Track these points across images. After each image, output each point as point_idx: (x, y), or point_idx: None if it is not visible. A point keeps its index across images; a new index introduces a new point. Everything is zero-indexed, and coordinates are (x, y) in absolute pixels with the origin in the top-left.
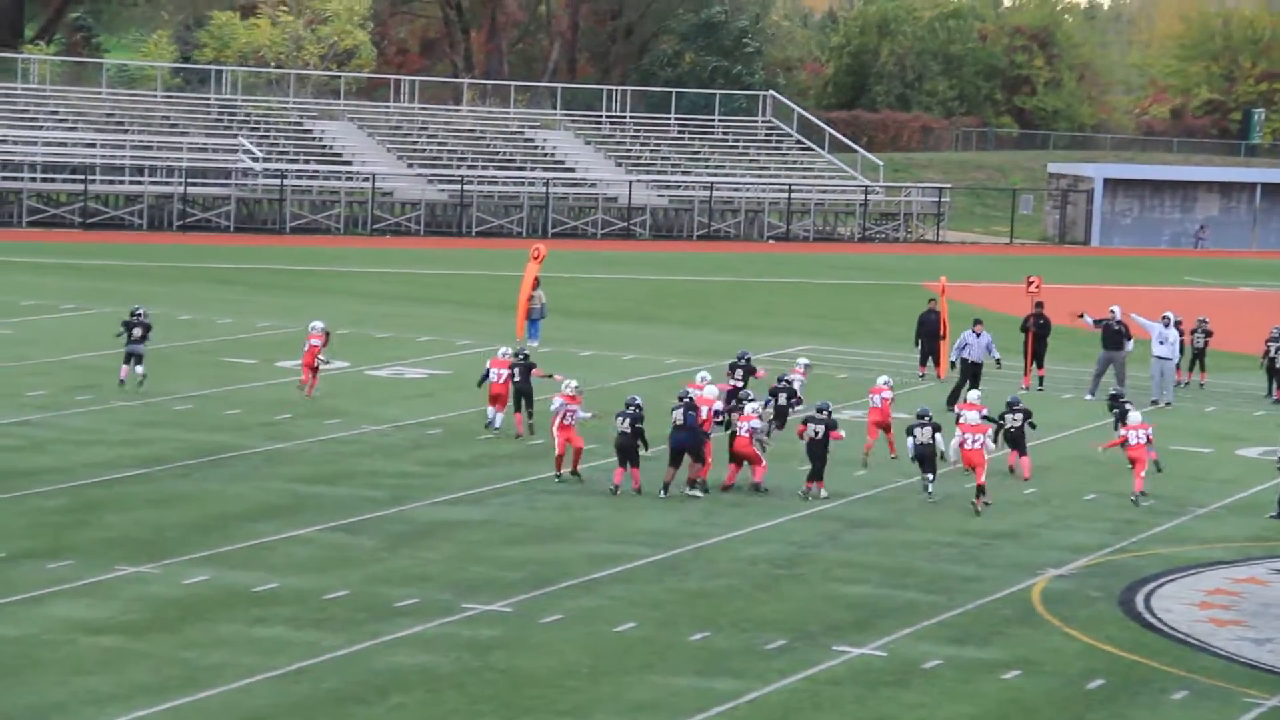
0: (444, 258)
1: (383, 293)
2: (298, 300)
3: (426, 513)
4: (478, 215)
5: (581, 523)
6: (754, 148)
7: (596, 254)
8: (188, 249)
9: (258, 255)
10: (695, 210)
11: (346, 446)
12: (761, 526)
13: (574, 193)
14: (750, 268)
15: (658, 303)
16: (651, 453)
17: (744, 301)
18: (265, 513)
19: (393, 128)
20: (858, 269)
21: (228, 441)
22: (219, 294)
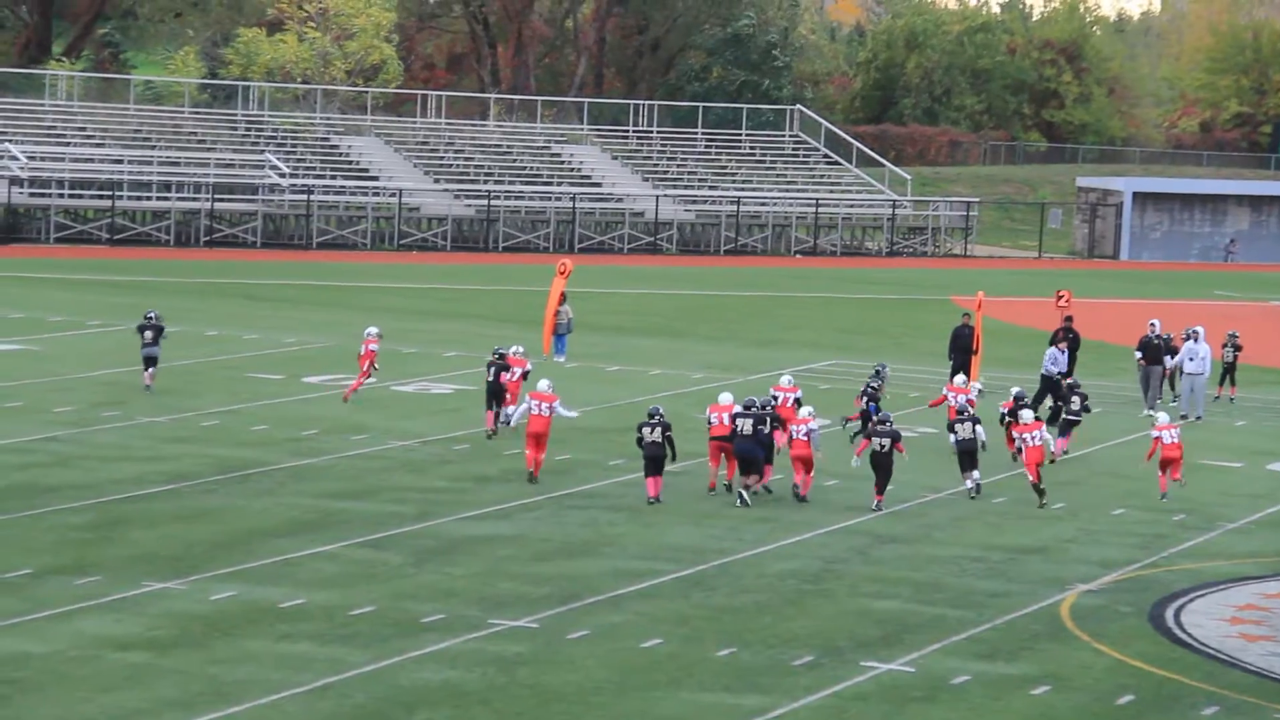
0: (470, 273)
1: (409, 308)
2: (324, 315)
3: (453, 528)
4: (504, 230)
5: (608, 538)
6: (781, 162)
7: (623, 269)
8: (214, 265)
9: (284, 271)
10: (722, 225)
11: (373, 462)
12: (789, 542)
13: (600, 208)
14: (777, 282)
15: (684, 318)
16: (679, 466)
17: (770, 317)
18: (291, 528)
19: (419, 143)
20: (885, 284)
21: (254, 457)
22: (245, 309)
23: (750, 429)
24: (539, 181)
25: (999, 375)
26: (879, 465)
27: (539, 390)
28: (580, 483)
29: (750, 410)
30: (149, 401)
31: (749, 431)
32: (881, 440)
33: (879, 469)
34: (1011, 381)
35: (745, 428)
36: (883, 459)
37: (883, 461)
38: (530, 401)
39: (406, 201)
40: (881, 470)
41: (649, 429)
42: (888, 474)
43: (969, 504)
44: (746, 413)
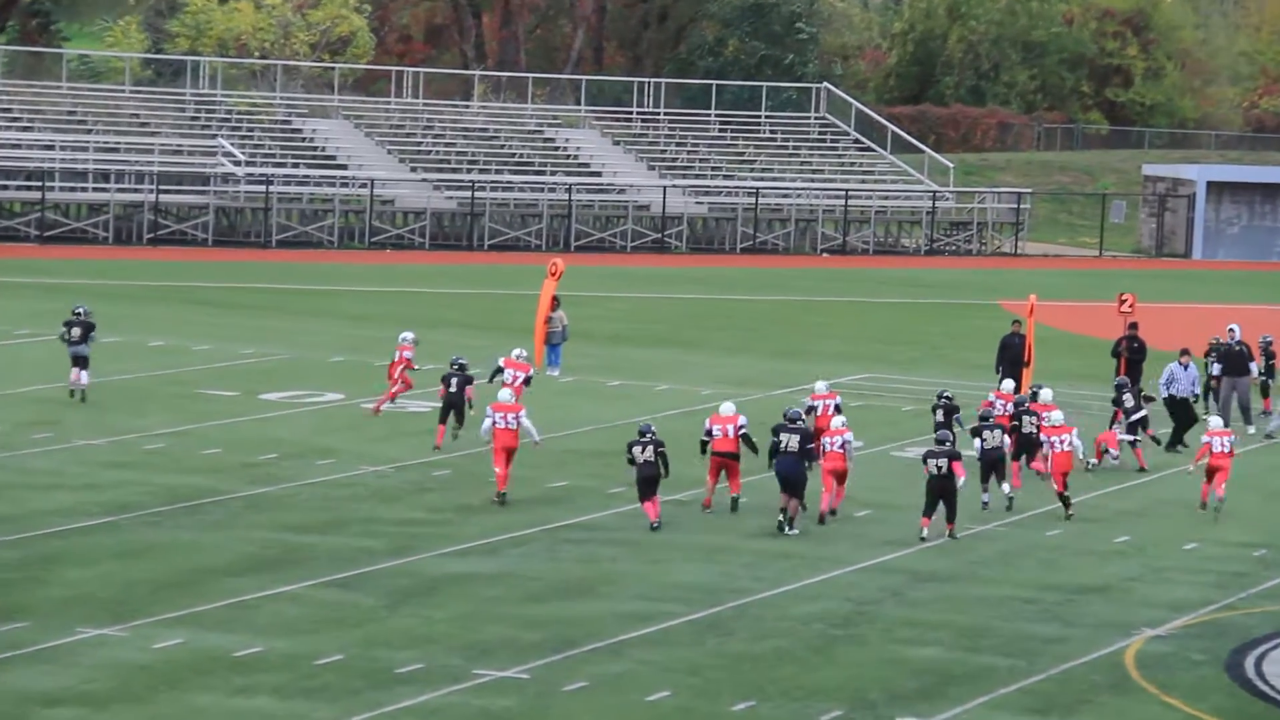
0: (452, 274)
1: (382, 315)
2: (285, 323)
3: (432, 565)
4: (490, 226)
5: (609, 576)
6: (806, 148)
7: (625, 270)
8: (160, 266)
9: (240, 272)
10: (739, 220)
11: (341, 490)
12: (813, 580)
13: (600, 200)
14: (801, 285)
15: (695, 325)
16: (688, 495)
17: (794, 324)
18: (248, 566)
19: (393, 127)
20: (924, 286)
21: (205, 485)
22: (195, 316)
23: (796, 445)
24: (530, 170)
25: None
26: (939, 491)
27: (501, 401)
28: (577, 513)
29: (796, 424)
30: (85, 421)
31: (795, 449)
32: (938, 461)
33: (939, 495)
34: (1070, 399)
35: (790, 444)
36: (943, 484)
37: (944, 486)
38: (494, 415)
39: (379, 193)
40: (942, 496)
41: (640, 448)
42: (952, 500)
43: (1020, 538)
44: (791, 426)
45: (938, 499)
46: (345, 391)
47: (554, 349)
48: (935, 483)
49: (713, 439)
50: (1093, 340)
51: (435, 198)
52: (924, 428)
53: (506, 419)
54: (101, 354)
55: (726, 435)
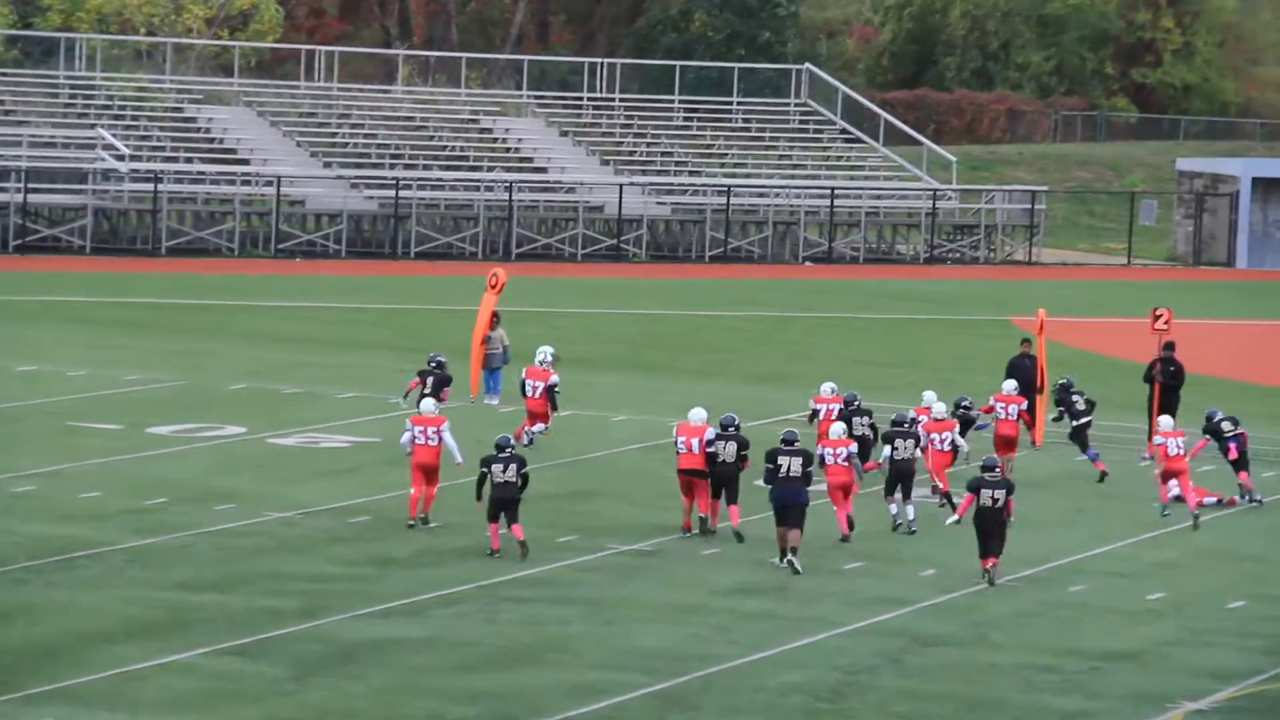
0: (372, 288)
1: (291, 334)
2: (176, 344)
3: (349, 629)
4: (418, 231)
5: (557, 641)
6: (785, 139)
7: (576, 282)
8: (28, 277)
9: (123, 285)
10: (707, 223)
11: (241, 540)
12: (796, 645)
13: (546, 200)
14: (780, 299)
15: (657, 346)
16: (650, 544)
17: (771, 344)
18: (132, 630)
19: (303, 115)
20: (923, 300)
21: (82, 535)
22: (70, 337)
23: (799, 470)
24: (463, 166)
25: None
26: (988, 527)
27: (423, 413)
28: (519, 566)
29: (795, 446)
30: None
31: (797, 473)
32: (994, 493)
33: (987, 532)
34: (1097, 430)
35: (792, 468)
36: (993, 518)
37: (994, 522)
38: (413, 429)
39: (287, 193)
40: (990, 533)
41: (501, 465)
42: (1001, 538)
43: (1036, 594)
44: (790, 448)
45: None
46: (247, 424)
47: (493, 374)
48: (987, 516)
49: (679, 454)
50: (1121, 363)
51: (353, 198)
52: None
53: (427, 434)
54: None
55: (691, 450)
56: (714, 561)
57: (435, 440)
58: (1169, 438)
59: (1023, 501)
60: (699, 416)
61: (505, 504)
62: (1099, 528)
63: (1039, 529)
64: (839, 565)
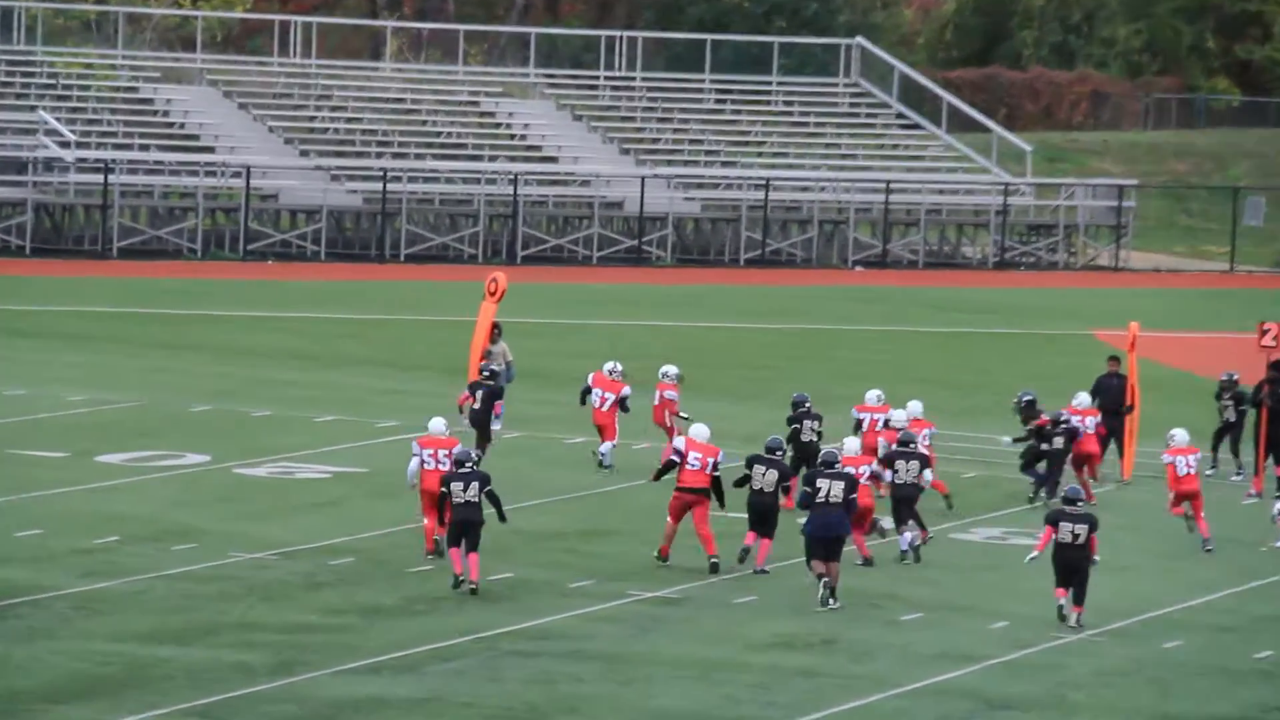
0: (357, 295)
1: (261, 348)
2: (129, 360)
3: (330, 687)
4: (409, 230)
5: (569, 702)
6: (833, 125)
7: (591, 289)
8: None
9: (68, 291)
10: (743, 222)
11: (205, 585)
12: (845, 709)
13: (556, 195)
14: (827, 309)
15: (686, 363)
16: (676, 591)
17: (818, 362)
18: (79, 689)
19: (277, 97)
20: (992, 311)
21: (20, 579)
22: (7, 351)
23: (840, 495)
24: (461, 155)
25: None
26: (1067, 566)
27: (433, 434)
28: (525, 616)
29: (835, 468)
30: None
31: (838, 499)
32: (1075, 528)
33: (1070, 570)
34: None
35: (833, 493)
36: (1075, 556)
37: (1076, 560)
38: (421, 452)
39: (257, 185)
40: (1074, 572)
41: (461, 484)
42: (1084, 578)
43: (1124, 650)
44: (830, 471)
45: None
46: (211, 452)
47: None
48: (1067, 554)
49: (682, 467)
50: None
51: (334, 192)
52: (993, 499)
53: (438, 457)
54: None
55: (705, 467)
56: (749, 611)
57: (444, 465)
58: (1179, 455)
59: (1109, 543)
60: (704, 433)
61: (467, 527)
62: (1197, 574)
63: (1128, 575)
64: (894, 615)
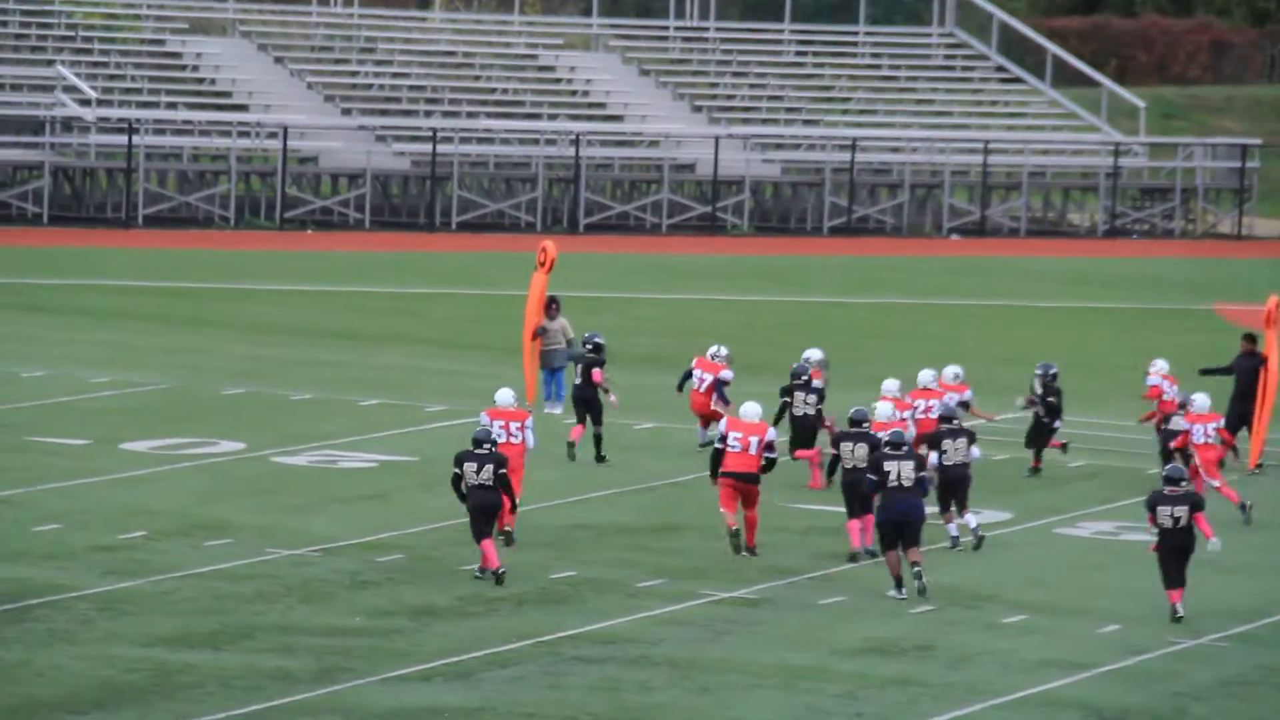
0: (403, 267)
1: (301, 325)
2: (156, 339)
3: (377, 696)
4: (460, 196)
5: (636, 711)
6: (926, 80)
7: (660, 260)
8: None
9: (91, 263)
10: (826, 186)
11: (240, 585)
12: (944, 718)
13: (622, 157)
14: (919, 282)
15: (762, 341)
16: (754, 591)
17: (908, 339)
18: (102, 697)
19: (316, 50)
20: (1101, 283)
21: (39, 579)
22: (25, 329)
23: (912, 477)
24: (517, 114)
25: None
26: (1175, 550)
27: (500, 406)
28: (591, 618)
29: (903, 449)
30: None
31: (909, 481)
32: (1175, 510)
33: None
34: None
35: (904, 476)
36: (1180, 541)
37: (1182, 546)
38: (490, 424)
39: (296, 147)
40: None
41: (475, 465)
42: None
43: (1250, 658)
44: (897, 451)
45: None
46: (246, 439)
47: (554, 375)
48: (1172, 540)
49: (727, 451)
50: None
51: (379, 154)
52: (1102, 492)
53: (509, 430)
54: None
55: (748, 449)
56: (835, 613)
57: (517, 438)
58: (1197, 423)
59: (1233, 538)
60: (753, 411)
61: (485, 513)
62: None
63: (1254, 574)
64: (995, 618)
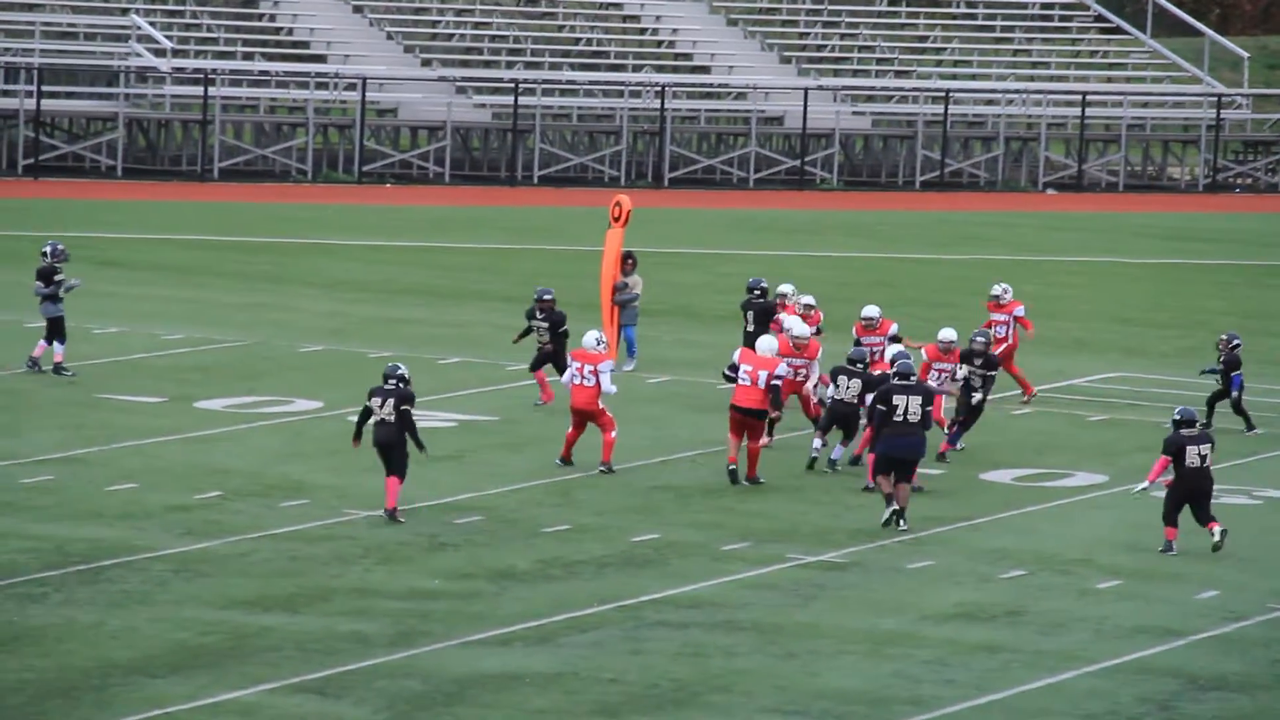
0: (484, 221)
1: (379, 282)
2: (232, 295)
3: (455, 660)
4: (542, 149)
5: (722, 678)
6: (1022, 29)
7: (747, 215)
8: (42, 207)
9: (166, 217)
10: (919, 139)
11: (316, 546)
12: (1035, 686)
13: (708, 109)
14: (1014, 238)
15: (852, 299)
16: (845, 552)
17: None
18: (177, 661)
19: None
20: (1203, 239)
21: (113, 539)
22: (97, 285)
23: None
24: (601, 65)
25: None
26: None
27: (584, 348)
28: (674, 582)
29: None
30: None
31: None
32: (1201, 449)
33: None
34: None
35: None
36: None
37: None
38: (572, 365)
39: (375, 99)
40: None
41: (379, 399)
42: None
43: None
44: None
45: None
46: (323, 398)
47: (625, 333)
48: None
49: (737, 384)
50: None
51: (459, 106)
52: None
53: (584, 372)
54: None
55: (756, 383)
56: (925, 577)
57: (590, 381)
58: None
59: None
60: (769, 346)
61: (383, 450)
62: None
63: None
64: (1089, 583)
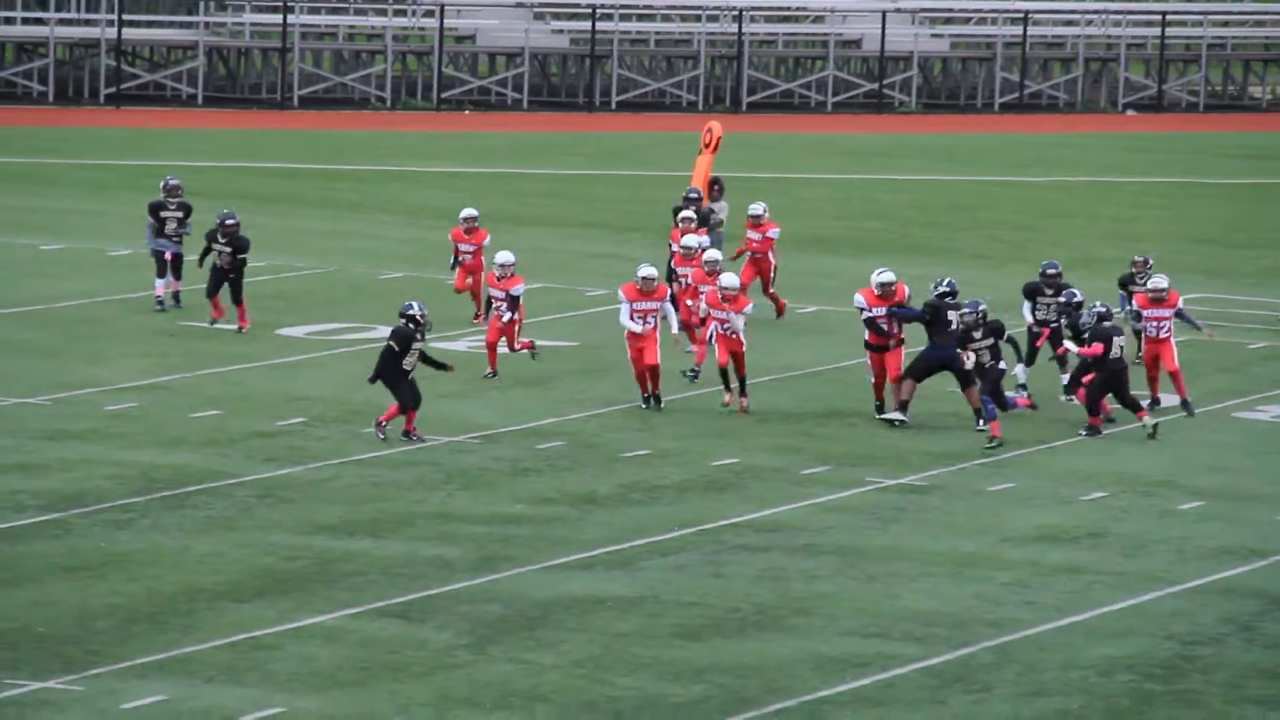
0: (563, 147)
1: (458, 208)
2: (312, 222)
3: (537, 584)
4: (620, 74)
5: (802, 600)
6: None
7: (825, 139)
8: (124, 136)
9: (244, 144)
10: (998, 61)
11: (400, 472)
12: (1117, 608)
13: (786, 33)
14: (1094, 160)
15: (931, 223)
16: (924, 478)
17: (1082, 219)
18: (261, 586)
19: None
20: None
21: (197, 465)
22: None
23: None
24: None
25: None
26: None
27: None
28: (755, 505)
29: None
30: (16, 370)
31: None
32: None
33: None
34: None
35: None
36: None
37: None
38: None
39: (453, 25)
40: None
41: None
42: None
43: None
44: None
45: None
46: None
47: None
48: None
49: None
50: None
51: (537, 32)
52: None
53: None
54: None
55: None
56: (1006, 499)
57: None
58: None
59: None
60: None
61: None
62: None
63: None
64: (1171, 504)
